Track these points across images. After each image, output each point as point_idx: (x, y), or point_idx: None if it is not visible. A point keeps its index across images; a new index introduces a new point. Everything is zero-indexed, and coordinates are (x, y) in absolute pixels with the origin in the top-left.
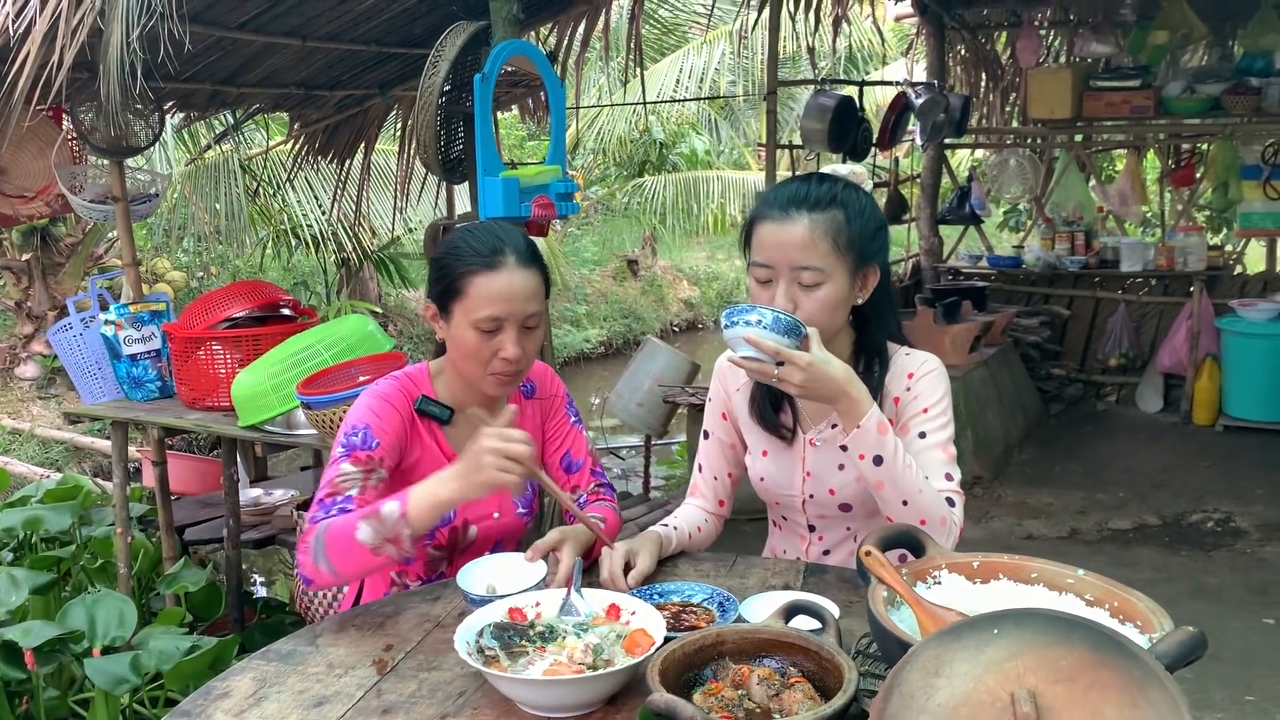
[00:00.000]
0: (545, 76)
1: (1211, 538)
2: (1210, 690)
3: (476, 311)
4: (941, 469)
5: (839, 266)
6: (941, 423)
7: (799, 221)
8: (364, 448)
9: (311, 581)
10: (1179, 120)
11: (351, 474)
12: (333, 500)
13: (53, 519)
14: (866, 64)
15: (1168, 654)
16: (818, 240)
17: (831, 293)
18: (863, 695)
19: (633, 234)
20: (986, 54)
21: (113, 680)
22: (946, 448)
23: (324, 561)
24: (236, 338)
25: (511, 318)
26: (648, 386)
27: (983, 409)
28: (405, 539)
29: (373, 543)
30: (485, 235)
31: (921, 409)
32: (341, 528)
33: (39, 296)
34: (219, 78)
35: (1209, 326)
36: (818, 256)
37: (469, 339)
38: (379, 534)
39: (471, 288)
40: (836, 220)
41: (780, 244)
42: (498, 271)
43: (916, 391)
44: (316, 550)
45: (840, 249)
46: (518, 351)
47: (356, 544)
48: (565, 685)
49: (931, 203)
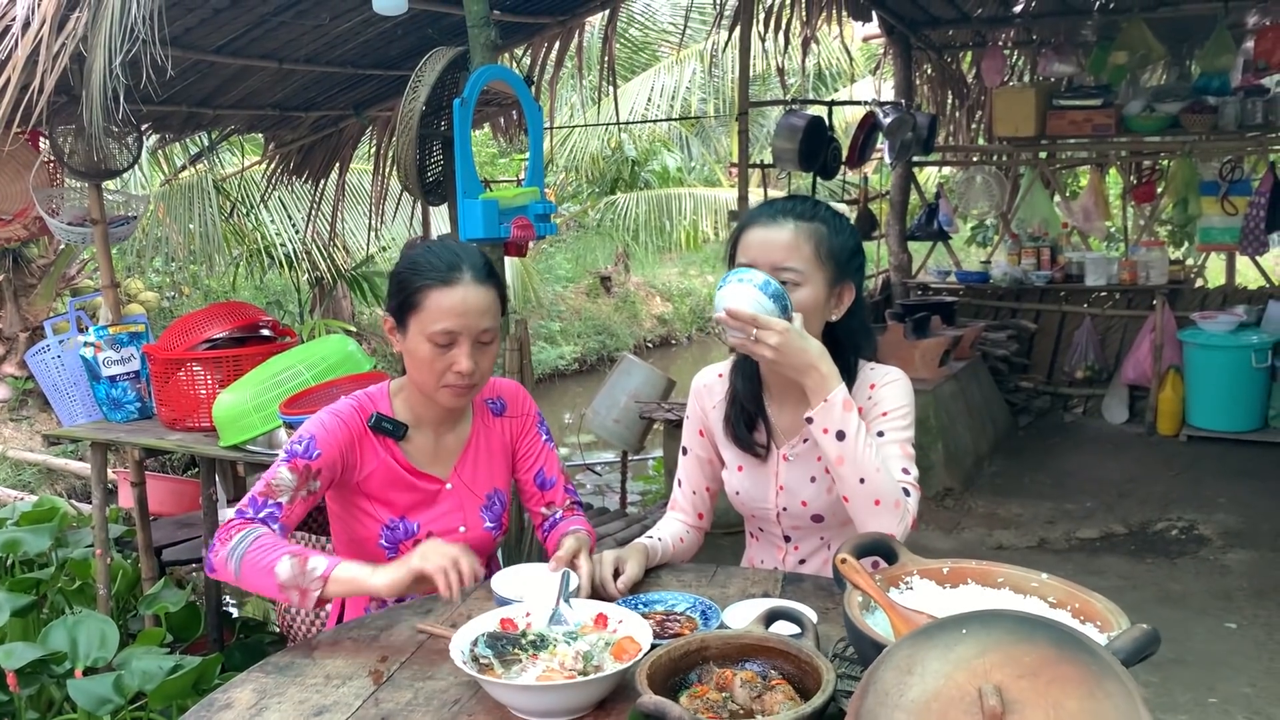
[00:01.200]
0: (523, 101)
1: (1176, 545)
2: (1175, 693)
3: (431, 325)
4: (899, 464)
5: (817, 273)
6: (901, 425)
7: (786, 225)
8: (304, 456)
9: (213, 570)
10: (1139, 138)
11: (286, 481)
12: (264, 501)
13: (31, 541)
14: (835, 82)
15: (1123, 649)
16: (801, 244)
17: (807, 296)
18: (840, 695)
19: (606, 251)
20: (953, 73)
21: (96, 701)
22: (905, 446)
23: (235, 564)
24: (217, 359)
25: (466, 332)
26: (624, 403)
27: (953, 422)
28: (311, 599)
29: (285, 581)
30: (442, 251)
31: (881, 413)
32: (265, 550)
33: (11, 318)
34: (195, 100)
35: (1172, 339)
36: (799, 259)
37: (424, 352)
38: (294, 580)
39: (427, 301)
40: (820, 231)
41: (765, 244)
42: (453, 286)
43: (877, 399)
44: (234, 551)
45: (820, 257)
46: (471, 365)
47: (272, 572)
48: (557, 691)
49: (900, 219)
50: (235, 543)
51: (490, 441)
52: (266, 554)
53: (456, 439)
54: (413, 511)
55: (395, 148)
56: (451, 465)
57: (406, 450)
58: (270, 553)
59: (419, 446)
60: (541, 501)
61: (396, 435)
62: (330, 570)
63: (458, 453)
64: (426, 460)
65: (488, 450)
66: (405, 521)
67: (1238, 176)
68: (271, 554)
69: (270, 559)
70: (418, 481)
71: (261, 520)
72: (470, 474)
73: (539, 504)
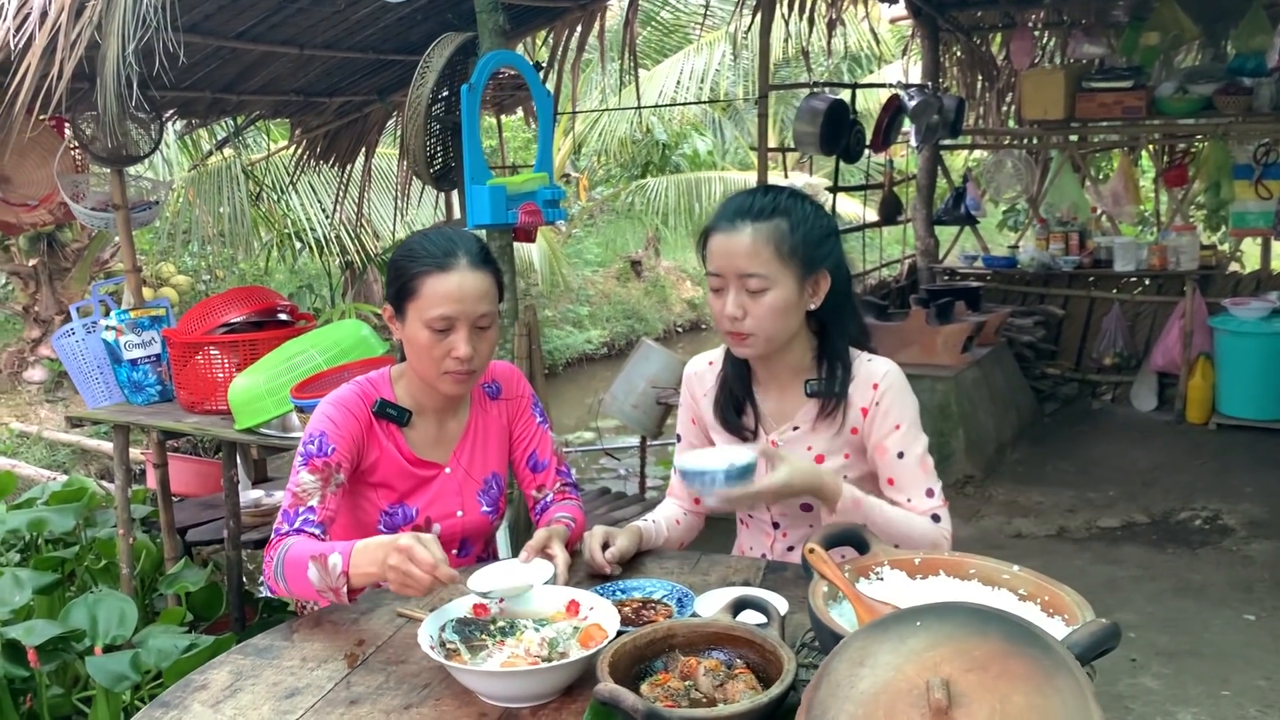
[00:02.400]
0: (532, 86)
1: (1199, 535)
2: (1187, 685)
3: (428, 311)
4: (922, 486)
5: (783, 272)
6: (914, 435)
7: (743, 231)
8: (320, 454)
9: (273, 591)
10: (1172, 120)
11: (310, 484)
12: (295, 511)
13: (57, 520)
14: (869, 64)
15: (1079, 644)
16: (760, 248)
17: (778, 298)
18: (801, 685)
19: (636, 235)
20: (981, 55)
21: (113, 678)
22: (924, 462)
23: (283, 581)
24: (233, 343)
25: (463, 317)
26: (642, 388)
27: (975, 408)
28: (343, 593)
29: (319, 587)
30: (438, 238)
31: (894, 425)
32: (298, 559)
33: (46, 301)
34: (219, 85)
35: (1202, 325)
36: (761, 264)
37: (422, 338)
38: (323, 583)
39: (424, 288)
40: (780, 229)
41: (727, 253)
42: (449, 272)
43: (885, 406)
44: (278, 570)
45: (783, 256)
46: (469, 351)
47: (308, 581)
48: (520, 676)
49: (927, 203)
50: (276, 563)
51: (488, 425)
52: (297, 566)
53: (457, 424)
54: (411, 496)
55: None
56: (451, 450)
57: (409, 436)
58: (300, 564)
59: (421, 433)
60: (534, 484)
61: (401, 421)
62: (347, 566)
63: (457, 438)
64: (427, 446)
65: (485, 434)
66: (404, 507)
67: (1273, 160)
68: (301, 564)
69: (301, 570)
70: (417, 468)
71: (298, 530)
72: (469, 459)
73: (531, 486)
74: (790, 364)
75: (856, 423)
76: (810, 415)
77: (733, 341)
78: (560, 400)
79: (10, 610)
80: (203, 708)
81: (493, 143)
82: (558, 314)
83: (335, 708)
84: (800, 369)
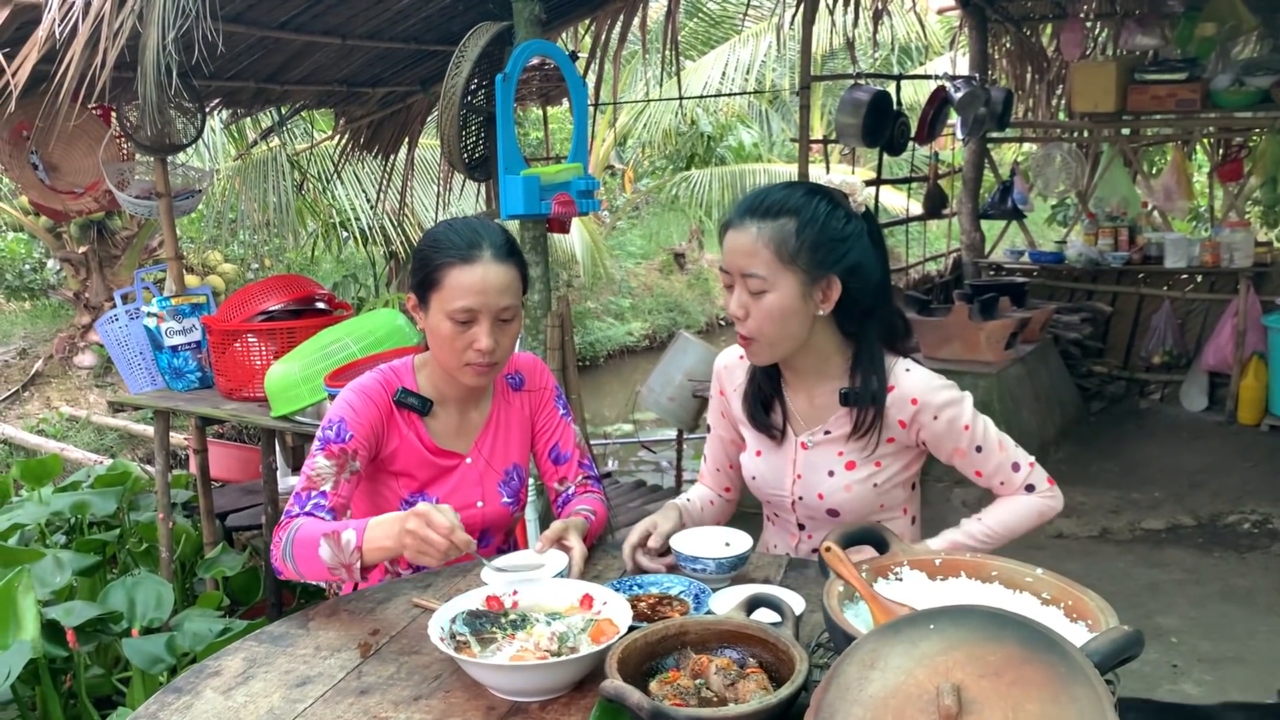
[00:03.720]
0: (567, 75)
1: (1247, 539)
2: (1230, 692)
3: (451, 303)
4: (1007, 465)
5: (783, 276)
6: (980, 425)
7: (748, 230)
8: (338, 440)
9: (280, 572)
10: (1227, 114)
11: (324, 469)
12: (308, 494)
13: (99, 504)
14: (918, 56)
15: (1099, 652)
16: (760, 249)
17: (775, 301)
18: (814, 685)
19: (680, 227)
20: (1031, 46)
21: (149, 659)
22: (1000, 443)
23: (291, 561)
24: (271, 330)
25: (485, 310)
26: (679, 381)
27: (1018, 406)
28: (356, 569)
29: (330, 563)
30: (463, 229)
31: (963, 427)
32: (308, 538)
33: (96, 288)
34: (263, 75)
35: (1256, 324)
36: (759, 265)
37: (444, 329)
38: (335, 558)
39: (447, 279)
40: (784, 230)
41: (733, 250)
42: (473, 264)
43: (947, 416)
44: (286, 549)
45: (783, 259)
46: (491, 343)
47: (318, 558)
48: (529, 671)
49: (973, 197)
50: (285, 544)
51: (510, 417)
52: (307, 545)
53: (479, 415)
54: (431, 486)
55: (440, 122)
56: (472, 441)
57: (430, 426)
58: (309, 541)
59: (442, 422)
60: (555, 476)
61: (422, 411)
62: (361, 541)
63: (479, 428)
64: (449, 436)
65: (507, 426)
66: (424, 496)
67: None
68: (310, 542)
69: (311, 548)
70: (438, 458)
71: (308, 514)
72: (490, 449)
73: (553, 479)
74: (816, 367)
75: (894, 433)
76: (844, 423)
77: (741, 345)
78: (600, 392)
79: (51, 591)
80: (214, 694)
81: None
82: (599, 306)
83: (345, 697)
84: (831, 372)
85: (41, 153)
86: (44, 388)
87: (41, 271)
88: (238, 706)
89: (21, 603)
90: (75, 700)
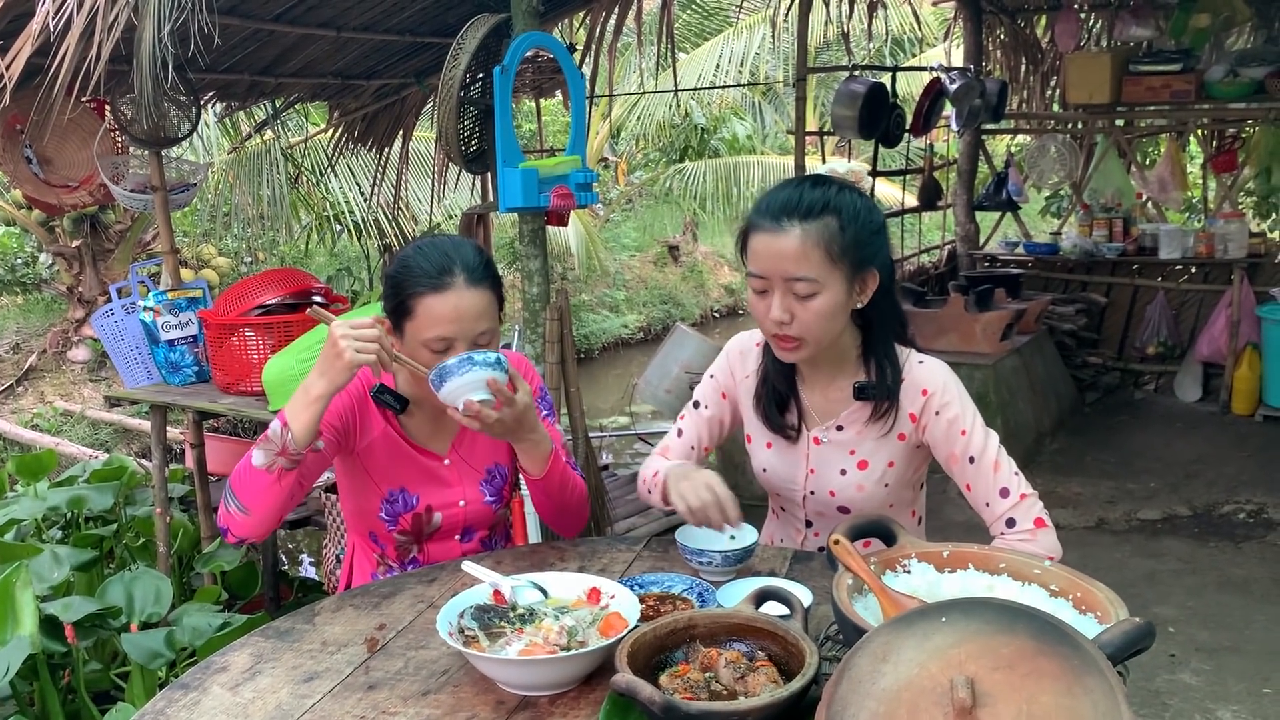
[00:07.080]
0: (565, 67)
1: (1242, 529)
2: (1228, 682)
3: (426, 332)
4: (997, 487)
5: (833, 275)
6: (981, 436)
7: (791, 232)
8: None
9: (226, 530)
10: (1222, 105)
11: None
12: None
13: (96, 498)
14: (911, 48)
15: (1111, 644)
16: (810, 250)
17: (827, 301)
18: (825, 679)
19: (674, 220)
20: (1026, 38)
21: (148, 654)
22: (999, 462)
23: (233, 501)
24: (268, 324)
25: (461, 337)
26: (676, 373)
27: (1014, 397)
28: (290, 444)
29: (266, 462)
30: (434, 253)
31: (960, 431)
32: (242, 463)
33: (90, 282)
34: (257, 68)
35: (1250, 314)
36: (811, 267)
37: (422, 358)
38: (269, 451)
39: (420, 308)
40: (830, 228)
41: (773, 255)
42: (445, 293)
43: (948, 416)
44: (226, 494)
45: (834, 257)
46: None
47: (252, 470)
48: (538, 665)
49: (968, 188)
50: (225, 491)
51: None
52: (241, 468)
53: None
54: (412, 484)
55: (437, 115)
56: (449, 441)
57: (405, 424)
58: (243, 464)
59: (418, 422)
60: None
61: (396, 409)
62: (284, 414)
63: (456, 429)
64: (425, 435)
65: None
66: (405, 493)
67: None
68: (244, 463)
69: (245, 466)
70: (417, 455)
71: None
72: (469, 449)
73: None
74: (833, 359)
75: (905, 428)
76: (857, 417)
77: (779, 345)
78: (595, 385)
79: (49, 586)
80: (222, 690)
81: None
82: (594, 298)
83: (353, 693)
84: (843, 364)
85: (35, 146)
86: (38, 382)
87: (34, 265)
88: (245, 702)
89: (20, 598)
90: (74, 695)
